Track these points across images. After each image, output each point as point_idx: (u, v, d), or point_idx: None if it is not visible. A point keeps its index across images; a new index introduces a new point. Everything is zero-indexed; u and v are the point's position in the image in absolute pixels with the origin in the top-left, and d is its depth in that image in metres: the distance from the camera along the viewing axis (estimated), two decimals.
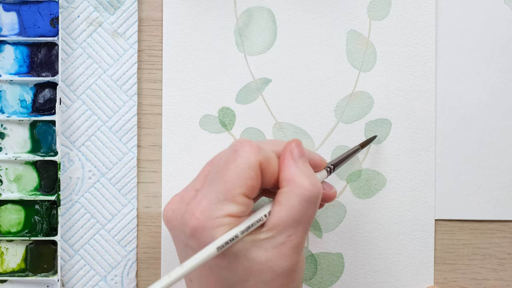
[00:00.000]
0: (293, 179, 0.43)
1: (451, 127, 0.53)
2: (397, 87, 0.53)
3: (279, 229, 0.42)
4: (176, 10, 0.53)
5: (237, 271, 0.42)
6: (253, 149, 0.43)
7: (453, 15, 0.53)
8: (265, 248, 0.42)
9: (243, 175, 0.42)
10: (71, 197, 0.53)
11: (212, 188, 0.42)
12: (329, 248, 0.53)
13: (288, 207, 0.43)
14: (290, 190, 0.43)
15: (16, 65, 0.53)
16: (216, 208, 0.42)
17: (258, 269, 0.42)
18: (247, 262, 0.42)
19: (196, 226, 0.42)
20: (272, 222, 0.43)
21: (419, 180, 0.53)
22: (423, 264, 0.53)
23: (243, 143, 0.43)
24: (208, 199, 0.42)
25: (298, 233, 0.43)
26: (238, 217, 0.42)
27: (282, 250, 0.42)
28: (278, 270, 0.42)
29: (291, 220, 0.43)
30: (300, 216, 0.43)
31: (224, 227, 0.41)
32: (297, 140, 0.45)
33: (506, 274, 0.53)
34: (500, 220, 0.53)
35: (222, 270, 0.42)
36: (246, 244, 0.42)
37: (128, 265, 0.53)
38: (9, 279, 0.52)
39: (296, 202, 0.43)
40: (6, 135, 0.53)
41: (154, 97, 0.53)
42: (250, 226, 0.42)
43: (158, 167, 0.53)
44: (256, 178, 0.43)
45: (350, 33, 0.53)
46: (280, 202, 0.43)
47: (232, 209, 0.42)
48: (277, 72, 0.53)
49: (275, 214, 0.43)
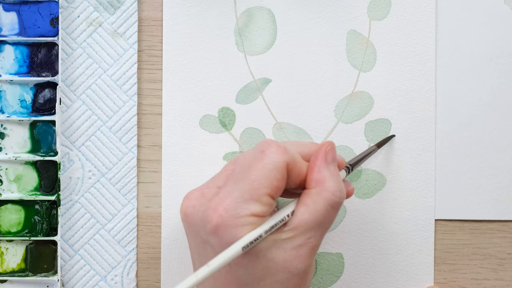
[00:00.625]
0: (324, 182, 0.43)
1: (451, 127, 0.53)
2: (397, 87, 0.53)
3: (300, 230, 0.43)
4: (176, 10, 0.53)
5: (255, 270, 0.42)
6: (280, 150, 0.43)
7: (453, 15, 0.53)
8: (284, 248, 0.42)
9: (270, 176, 0.42)
10: (71, 197, 0.53)
11: (236, 186, 0.42)
12: (329, 248, 0.53)
13: (312, 209, 0.43)
14: (318, 193, 0.43)
15: (16, 65, 0.53)
16: (240, 207, 0.41)
17: (275, 269, 0.42)
18: (266, 261, 0.42)
19: (219, 223, 0.41)
20: (295, 223, 0.43)
21: (419, 180, 0.53)
22: (423, 264, 0.53)
23: (270, 144, 0.43)
24: (233, 197, 0.42)
25: (317, 236, 0.43)
26: (261, 216, 0.42)
27: (300, 251, 0.42)
28: (294, 270, 0.42)
29: (314, 223, 0.43)
30: (323, 219, 0.43)
31: (248, 226, 0.41)
32: (332, 143, 0.45)
33: (506, 274, 0.53)
34: (500, 220, 0.53)
35: (241, 269, 0.42)
36: (267, 243, 0.42)
37: (128, 265, 0.53)
38: (9, 279, 0.52)
39: (322, 205, 0.43)
40: (6, 135, 0.53)
41: (154, 97, 0.53)
42: (273, 226, 0.42)
43: (158, 167, 0.53)
44: (282, 179, 0.43)
45: (350, 33, 0.53)
46: (305, 203, 0.43)
47: (256, 208, 0.42)
48: (277, 72, 0.53)
49: (299, 215, 0.43)
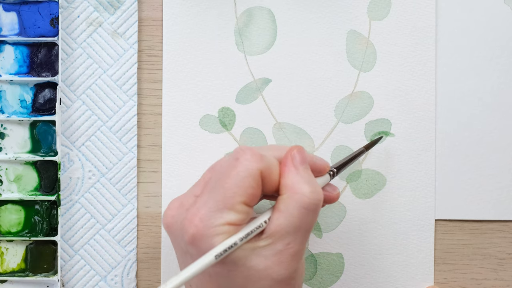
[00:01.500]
0: (293, 186, 0.43)
1: (451, 127, 0.53)
2: (397, 87, 0.53)
3: (277, 236, 0.42)
4: (176, 10, 0.53)
5: (237, 279, 0.42)
6: (254, 157, 0.42)
7: (453, 15, 0.53)
8: (264, 255, 0.42)
9: (244, 184, 0.42)
10: (71, 197, 0.53)
11: (212, 195, 0.42)
12: (329, 248, 0.53)
13: (287, 214, 0.42)
14: (290, 197, 0.43)
15: (16, 65, 0.53)
16: (215, 216, 0.41)
17: (257, 277, 0.42)
18: (247, 269, 0.42)
19: (195, 233, 0.41)
20: (271, 229, 0.42)
21: (419, 180, 0.53)
22: (423, 264, 0.53)
23: (244, 151, 0.43)
24: (208, 206, 0.42)
25: (297, 240, 0.42)
26: (237, 225, 0.42)
27: (281, 257, 0.42)
28: (277, 277, 0.42)
29: (290, 227, 0.42)
30: (299, 223, 0.42)
31: (223, 235, 0.41)
32: (299, 147, 0.45)
33: (506, 274, 0.53)
34: (500, 220, 0.53)
35: (222, 278, 0.42)
36: (245, 251, 0.42)
37: (128, 265, 0.53)
38: (9, 279, 0.52)
39: (295, 209, 0.42)
40: (6, 135, 0.53)
41: (154, 97, 0.53)
42: (249, 233, 0.42)
43: (158, 167, 0.53)
44: (257, 187, 0.42)
45: (350, 33, 0.53)
46: (279, 209, 0.43)
47: (231, 217, 0.41)
48: (277, 72, 0.53)
49: (274, 221, 0.42)
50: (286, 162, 0.44)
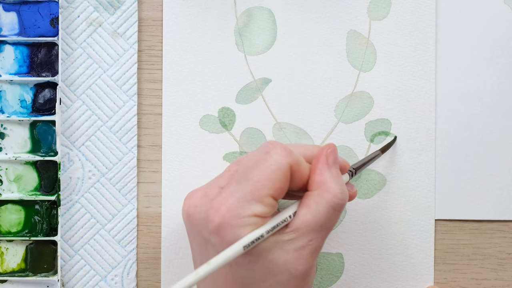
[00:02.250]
0: (326, 183, 0.43)
1: (451, 127, 0.53)
2: (397, 87, 0.53)
3: (302, 232, 0.43)
4: (176, 10, 0.53)
5: (256, 271, 0.42)
6: (284, 152, 0.43)
7: (453, 15, 0.53)
8: (286, 250, 0.42)
9: (273, 177, 0.42)
10: (71, 197, 0.53)
11: (240, 186, 0.42)
12: (329, 248, 0.53)
13: (315, 211, 0.43)
14: (320, 194, 0.43)
15: (16, 65, 0.53)
16: (243, 207, 0.41)
17: (276, 270, 0.42)
18: (267, 262, 0.42)
19: (221, 223, 0.41)
20: (297, 224, 0.43)
21: (419, 180, 0.53)
22: (423, 264, 0.53)
23: (275, 145, 0.43)
24: (235, 197, 0.42)
25: (319, 237, 0.43)
26: (263, 217, 0.42)
27: (302, 253, 0.42)
28: (295, 272, 0.42)
29: (316, 224, 0.43)
30: (325, 221, 0.43)
31: (249, 226, 0.41)
32: (333, 145, 0.45)
33: (506, 274, 0.53)
34: (500, 220, 0.53)
35: (242, 269, 0.42)
36: (269, 244, 0.42)
37: (128, 265, 0.53)
38: (9, 279, 0.52)
39: (324, 207, 0.43)
40: (6, 135, 0.53)
41: (154, 97, 0.53)
42: (275, 226, 0.42)
43: (158, 167, 0.53)
44: (285, 181, 0.43)
45: (350, 33, 0.53)
46: (307, 205, 0.43)
47: (259, 209, 0.42)
48: (277, 72, 0.53)
49: (300, 216, 0.43)
50: (320, 159, 0.44)
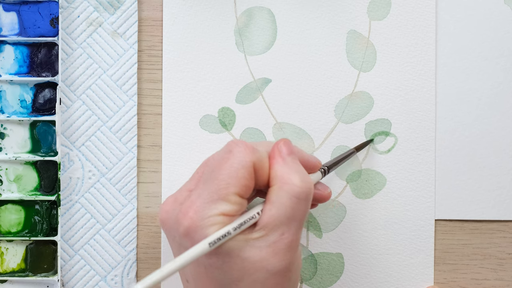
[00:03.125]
0: (282, 176, 0.43)
1: (451, 127, 0.53)
2: (397, 87, 0.53)
3: (271, 227, 0.42)
4: (176, 10, 0.53)
5: (232, 271, 0.42)
6: (247, 149, 0.43)
7: (453, 15, 0.53)
8: (259, 247, 0.42)
9: (237, 175, 0.42)
10: (71, 197, 0.53)
11: (205, 187, 0.42)
12: (329, 248, 0.53)
13: (278, 205, 0.43)
14: (280, 188, 0.43)
15: (16, 65, 0.53)
16: (209, 207, 0.42)
17: (252, 269, 0.42)
18: (241, 261, 0.42)
19: (190, 225, 0.42)
20: (264, 221, 0.43)
21: (419, 180, 0.53)
22: (423, 264, 0.53)
23: (237, 144, 0.43)
24: (202, 198, 0.42)
25: (290, 230, 0.43)
26: (231, 215, 0.42)
27: (276, 249, 0.42)
28: (273, 269, 0.42)
29: (283, 217, 0.43)
30: (292, 213, 0.43)
31: (217, 225, 0.41)
32: (285, 139, 0.45)
33: (506, 274, 0.53)
34: (500, 220, 0.53)
35: (217, 270, 0.42)
36: (239, 243, 0.42)
37: (128, 265, 0.53)
38: (9, 279, 0.52)
39: (286, 199, 0.43)
40: (6, 135, 0.53)
41: (154, 97, 0.53)
42: (242, 224, 0.42)
43: (158, 167, 0.53)
44: (250, 178, 0.43)
45: (350, 33, 0.53)
46: (270, 200, 0.43)
47: (225, 208, 0.42)
48: (277, 72, 0.53)
49: (266, 212, 0.43)
50: (274, 155, 0.44)
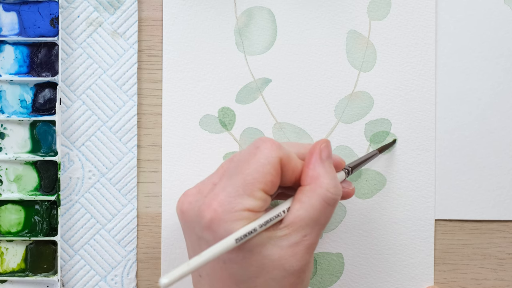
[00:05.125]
0: (319, 178, 0.43)
1: (451, 127, 0.53)
2: (397, 87, 0.53)
3: (295, 227, 0.43)
4: (176, 10, 0.53)
5: (250, 267, 0.42)
6: (274, 146, 0.43)
7: (453, 15, 0.53)
8: (280, 245, 0.42)
9: (263, 170, 0.42)
10: (71, 197, 0.53)
11: (231, 181, 0.42)
12: (329, 248, 0.53)
13: (308, 206, 0.43)
14: (313, 189, 0.43)
15: (16, 65, 0.53)
16: (234, 202, 0.42)
17: (270, 266, 0.42)
18: (261, 258, 0.42)
19: (214, 218, 0.41)
20: (290, 220, 0.43)
21: (419, 180, 0.53)
22: (423, 264, 0.53)
23: (264, 141, 0.43)
24: (227, 192, 0.42)
25: (313, 233, 0.43)
26: (256, 211, 0.42)
27: (296, 249, 0.42)
28: (290, 269, 0.42)
29: (309, 219, 0.43)
30: (319, 216, 0.43)
31: (242, 221, 0.41)
32: (327, 141, 0.45)
33: (506, 274, 0.53)
34: (500, 220, 0.53)
35: (235, 265, 0.42)
36: (262, 239, 0.42)
37: (128, 265, 0.53)
38: (9, 279, 0.52)
39: (317, 202, 0.43)
40: (6, 135, 0.53)
41: (154, 97, 0.53)
42: (268, 221, 0.42)
43: (158, 167, 0.53)
44: (276, 174, 0.43)
45: (350, 33, 0.53)
46: (300, 200, 0.43)
47: (250, 203, 0.42)
48: (277, 72, 0.53)
49: (294, 212, 0.43)
50: (314, 153, 0.44)
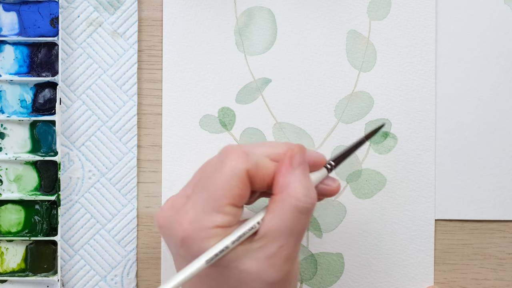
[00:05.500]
0: (288, 186, 0.42)
1: (451, 127, 0.53)
2: (397, 87, 0.53)
3: (270, 238, 0.41)
4: (176, 10, 0.53)
5: (228, 281, 0.41)
6: (240, 157, 0.41)
7: (453, 15, 0.53)
8: (257, 258, 0.41)
9: (230, 185, 0.41)
10: (71, 197, 0.53)
11: (199, 197, 0.41)
12: (329, 248, 0.53)
13: (280, 216, 0.41)
14: (283, 199, 0.42)
15: (16, 65, 0.53)
16: (204, 219, 0.41)
17: (249, 279, 0.41)
18: (238, 273, 0.41)
19: (185, 236, 0.41)
20: (264, 231, 0.41)
21: (419, 180, 0.53)
22: (423, 264, 0.53)
23: (229, 151, 0.42)
24: (196, 209, 0.41)
25: (290, 242, 0.42)
26: (226, 227, 0.41)
27: (274, 260, 0.41)
28: (269, 280, 0.41)
29: (284, 229, 0.41)
30: (292, 226, 0.42)
31: (214, 238, 0.40)
32: (300, 146, 0.43)
33: (506, 274, 0.53)
34: (500, 220, 0.53)
35: (213, 281, 0.42)
36: (237, 254, 0.41)
37: (128, 265, 0.53)
38: (9, 279, 0.52)
39: (288, 212, 0.41)
40: (6, 135, 0.53)
41: (154, 97, 0.53)
42: (241, 236, 0.41)
43: (158, 167, 0.53)
44: (243, 187, 0.41)
45: (350, 33, 0.53)
46: (273, 210, 0.42)
47: (219, 220, 0.41)
48: (277, 72, 0.53)
49: (267, 222, 0.42)
50: (284, 161, 0.43)
